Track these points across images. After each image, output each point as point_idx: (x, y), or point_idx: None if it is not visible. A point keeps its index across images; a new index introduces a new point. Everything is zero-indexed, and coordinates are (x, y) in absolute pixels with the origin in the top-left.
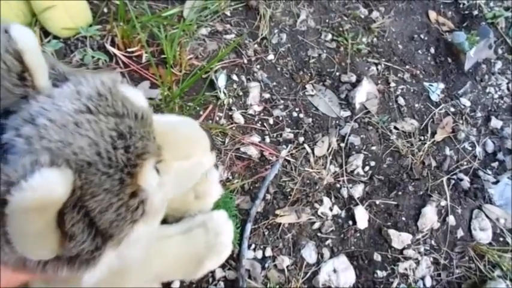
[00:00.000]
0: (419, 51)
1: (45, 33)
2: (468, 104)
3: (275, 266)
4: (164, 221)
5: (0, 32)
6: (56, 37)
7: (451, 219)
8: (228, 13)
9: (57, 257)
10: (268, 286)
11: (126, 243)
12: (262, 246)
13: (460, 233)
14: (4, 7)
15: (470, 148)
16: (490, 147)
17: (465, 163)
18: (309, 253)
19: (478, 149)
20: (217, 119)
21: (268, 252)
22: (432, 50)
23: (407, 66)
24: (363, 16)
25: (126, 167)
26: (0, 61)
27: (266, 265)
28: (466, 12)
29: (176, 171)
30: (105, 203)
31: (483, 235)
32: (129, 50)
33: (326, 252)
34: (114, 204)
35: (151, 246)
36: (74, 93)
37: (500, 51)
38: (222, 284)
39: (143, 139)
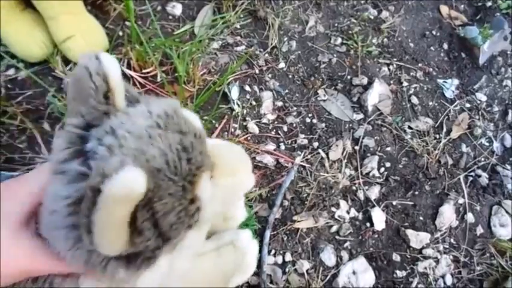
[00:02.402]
0: (432, 48)
1: (66, 61)
2: (484, 98)
3: (295, 270)
4: None
5: (93, 58)
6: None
7: (470, 217)
8: (238, 25)
9: (118, 257)
10: None
11: (179, 249)
12: (281, 252)
13: (480, 230)
14: (29, 39)
15: (487, 144)
16: (508, 142)
17: (483, 159)
18: (328, 256)
19: (496, 144)
20: (233, 130)
21: (288, 257)
22: (445, 46)
23: (419, 64)
24: (372, 17)
25: (188, 176)
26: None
27: (286, 270)
28: (479, 4)
29: (222, 188)
30: (169, 206)
31: (503, 231)
32: (144, 71)
33: (345, 255)
34: (176, 208)
35: (188, 262)
36: (146, 112)
37: None
38: None
39: (202, 154)
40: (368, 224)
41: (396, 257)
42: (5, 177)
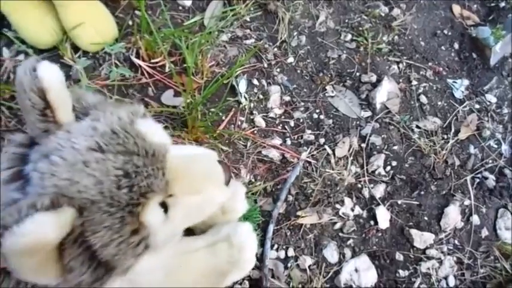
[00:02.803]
0: (443, 48)
1: (75, 48)
2: (494, 100)
3: (297, 265)
4: (191, 232)
5: (28, 71)
6: (85, 52)
7: (475, 219)
8: (248, 18)
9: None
10: (291, 285)
11: (134, 271)
12: (284, 247)
13: (485, 232)
14: (39, 26)
15: (495, 146)
16: None
17: (490, 161)
18: (331, 253)
19: (504, 147)
20: (239, 123)
21: (291, 252)
22: (456, 46)
23: (429, 64)
24: (383, 14)
25: (127, 206)
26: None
27: (289, 265)
28: (492, 4)
29: (185, 206)
30: (106, 239)
31: (509, 234)
32: (153, 60)
33: (348, 252)
34: (115, 241)
35: (175, 260)
36: (90, 130)
37: None
38: (246, 283)
39: (150, 177)
40: (372, 222)
41: (399, 257)
42: None
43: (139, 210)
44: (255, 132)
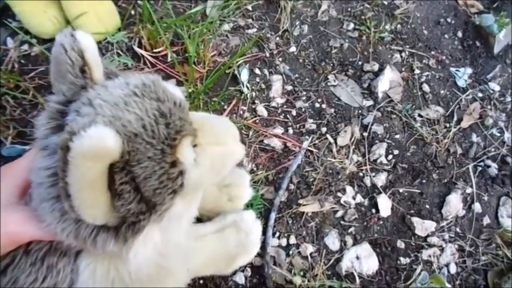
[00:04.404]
0: (446, 36)
1: None
2: (497, 88)
3: (299, 253)
4: (199, 220)
5: (68, 34)
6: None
7: (477, 207)
8: (250, 7)
9: (107, 229)
10: (292, 272)
11: (169, 220)
12: (286, 234)
13: (487, 220)
14: (42, 16)
15: (498, 134)
16: None
17: (493, 149)
18: (332, 241)
19: (507, 135)
20: (241, 112)
21: (292, 240)
22: (460, 34)
23: (432, 52)
24: (386, 3)
25: (166, 139)
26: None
27: (290, 252)
28: None
29: (210, 156)
30: (149, 169)
31: (510, 222)
32: (155, 50)
33: (349, 240)
34: (157, 172)
35: (187, 245)
36: (123, 84)
37: None
38: (249, 270)
39: (181, 120)
40: (373, 211)
41: (401, 244)
42: (17, 151)
43: (177, 144)
44: (257, 121)
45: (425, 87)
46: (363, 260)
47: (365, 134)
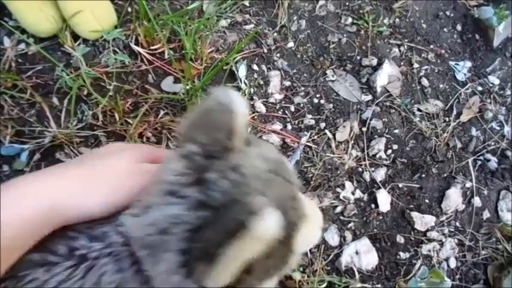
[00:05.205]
0: (445, 29)
1: (75, 36)
2: (497, 82)
3: None
4: None
5: (228, 95)
6: (85, 40)
7: (477, 201)
8: (247, 3)
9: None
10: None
11: None
12: None
13: (487, 214)
14: (37, 14)
15: (498, 128)
16: None
17: (493, 143)
18: (332, 236)
19: (507, 129)
20: None
21: None
22: (459, 27)
23: (431, 46)
24: None
25: (290, 224)
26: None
27: None
28: None
29: (302, 235)
30: (274, 250)
31: (510, 216)
32: (152, 47)
33: (348, 235)
34: (278, 253)
35: None
36: (262, 155)
37: None
38: None
39: (299, 203)
40: (373, 206)
41: (400, 239)
42: (15, 150)
43: (295, 234)
44: (255, 117)
45: (424, 81)
46: (362, 255)
47: (364, 129)
